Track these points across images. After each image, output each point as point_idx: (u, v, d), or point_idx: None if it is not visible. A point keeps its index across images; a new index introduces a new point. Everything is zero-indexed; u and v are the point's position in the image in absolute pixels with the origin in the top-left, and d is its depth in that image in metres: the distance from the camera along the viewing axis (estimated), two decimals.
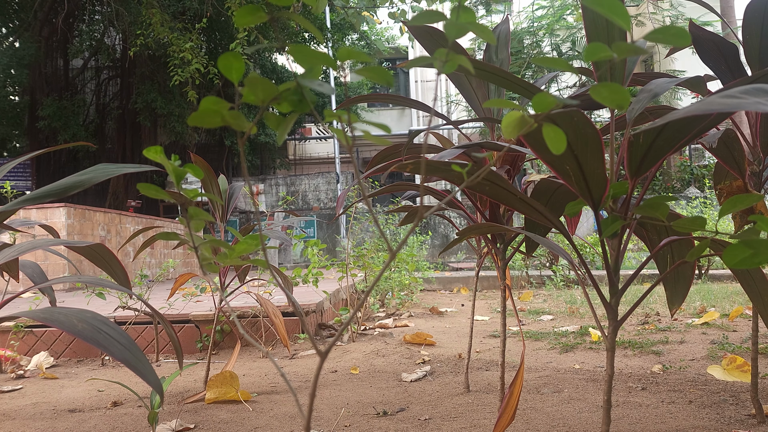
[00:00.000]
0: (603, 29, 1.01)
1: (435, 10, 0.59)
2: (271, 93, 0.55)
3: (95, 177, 0.92)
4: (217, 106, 0.59)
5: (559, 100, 0.59)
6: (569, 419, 1.84)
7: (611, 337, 0.97)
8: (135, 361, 0.81)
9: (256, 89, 0.55)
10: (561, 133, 0.63)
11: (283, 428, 1.90)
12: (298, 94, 0.58)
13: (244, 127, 0.58)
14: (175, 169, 0.70)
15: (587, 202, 0.93)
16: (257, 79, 0.54)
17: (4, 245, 1.13)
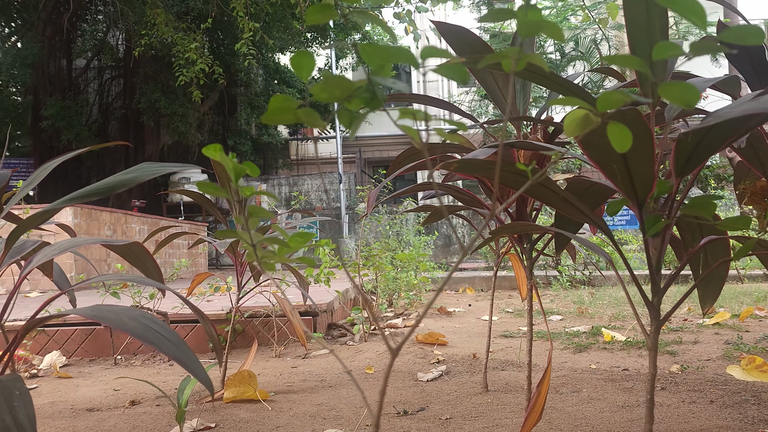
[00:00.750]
0: (643, 27, 1.01)
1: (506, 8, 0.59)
2: (347, 90, 0.55)
3: (140, 176, 0.92)
4: (288, 104, 0.59)
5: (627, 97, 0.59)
6: (591, 419, 1.84)
7: (654, 336, 0.97)
8: (185, 358, 0.81)
9: (332, 87, 0.55)
10: (627, 131, 0.63)
11: (305, 428, 1.90)
12: (370, 91, 0.58)
13: (319, 124, 0.58)
14: (234, 167, 0.70)
15: (631, 200, 0.93)
16: (333, 77, 0.54)
17: (43, 243, 1.13)
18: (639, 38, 1.00)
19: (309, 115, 0.58)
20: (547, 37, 2.61)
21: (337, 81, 0.55)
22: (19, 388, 0.73)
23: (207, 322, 1.05)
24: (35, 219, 0.90)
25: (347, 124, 0.59)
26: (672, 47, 0.58)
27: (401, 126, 0.59)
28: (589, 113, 0.65)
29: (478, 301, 5.85)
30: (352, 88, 0.55)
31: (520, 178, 0.94)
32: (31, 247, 1.08)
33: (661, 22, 0.99)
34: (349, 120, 0.59)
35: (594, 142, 0.83)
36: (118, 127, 14.20)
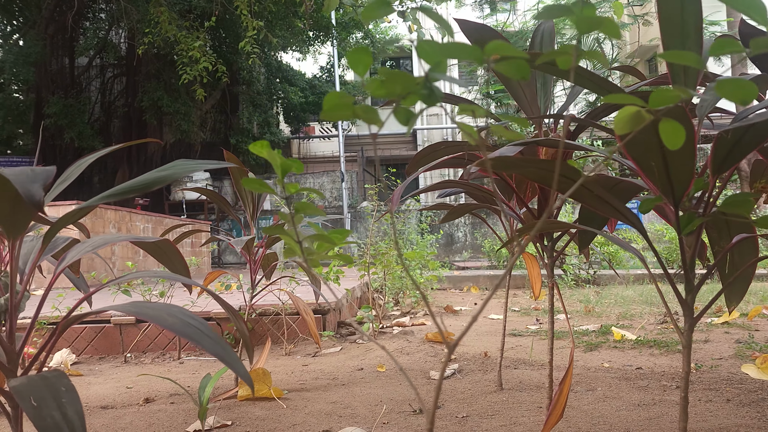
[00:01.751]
0: (677, 26, 1.01)
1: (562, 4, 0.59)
2: (408, 87, 0.55)
3: (176, 173, 0.92)
4: (344, 100, 0.59)
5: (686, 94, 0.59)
6: (609, 417, 1.84)
7: (687, 334, 0.97)
8: (225, 355, 0.81)
9: (393, 83, 0.55)
10: (680, 127, 0.63)
11: (321, 425, 1.90)
12: (428, 87, 0.58)
13: (376, 121, 0.58)
14: (282, 163, 0.70)
15: (666, 198, 0.93)
16: (394, 73, 0.54)
17: (73, 240, 1.13)
18: (672, 35, 1.00)
19: (367, 111, 0.58)
20: (570, 35, 2.59)
21: (398, 77, 0.55)
22: (65, 384, 0.73)
23: (238, 319, 1.05)
24: (71, 216, 0.90)
25: (404, 122, 0.59)
26: (731, 44, 0.58)
27: (459, 123, 0.59)
28: (640, 110, 0.65)
29: (483, 300, 5.85)
30: (413, 84, 0.55)
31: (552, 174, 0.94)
32: (62, 244, 1.09)
33: (695, 20, 0.98)
34: (406, 117, 0.59)
35: (635, 139, 0.83)
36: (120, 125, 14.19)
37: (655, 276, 7.03)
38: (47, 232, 0.88)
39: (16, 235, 0.85)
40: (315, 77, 17.14)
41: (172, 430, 1.92)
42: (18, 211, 0.81)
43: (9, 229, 0.84)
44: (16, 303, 0.89)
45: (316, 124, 17.84)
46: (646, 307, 4.49)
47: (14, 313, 0.89)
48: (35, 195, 0.66)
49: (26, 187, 0.67)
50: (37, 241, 1.04)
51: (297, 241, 0.72)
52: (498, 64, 0.55)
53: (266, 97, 15.12)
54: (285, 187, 0.74)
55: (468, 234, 13.78)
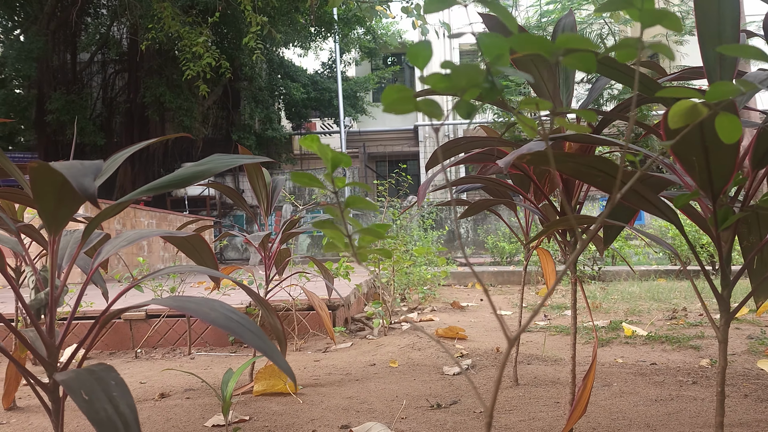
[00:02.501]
0: (714, 22, 1.00)
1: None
2: (475, 80, 0.55)
3: (214, 168, 0.92)
4: (405, 94, 0.59)
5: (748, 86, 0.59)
6: (627, 413, 1.85)
7: (724, 329, 0.97)
8: (267, 348, 0.81)
9: (459, 77, 0.55)
10: (737, 121, 0.63)
11: (339, 420, 1.91)
12: (489, 81, 0.58)
13: (438, 114, 0.58)
14: (333, 157, 0.70)
15: (705, 192, 0.93)
16: (463, 67, 0.54)
17: (107, 235, 1.13)
18: (709, 30, 0.99)
19: (428, 105, 0.57)
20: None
21: (465, 70, 0.54)
22: (114, 377, 0.73)
23: (271, 313, 1.05)
24: (111, 210, 0.90)
25: (465, 115, 0.59)
26: None
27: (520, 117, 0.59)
28: (697, 104, 0.65)
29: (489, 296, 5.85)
30: (481, 78, 0.54)
31: (592, 170, 0.94)
32: (96, 238, 1.08)
33: (733, 15, 0.98)
34: (467, 111, 0.59)
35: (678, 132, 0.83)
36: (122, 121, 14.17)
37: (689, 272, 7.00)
38: (87, 226, 0.88)
39: (57, 229, 0.85)
40: (316, 73, 17.11)
41: (191, 425, 1.92)
42: (61, 206, 0.81)
43: (51, 224, 0.84)
44: (55, 297, 0.89)
45: (318, 120, 17.82)
46: (654, 303, 4.49)
47: (54, 308, 0.89)
48: (89, 188, 0.66)
49: (79, 180, 0.67)
50: (70, 237, 1.04)
51: (346, 235, 0.72)
52: (566, 58, 0.54)
53: (268, 93, 15.09)
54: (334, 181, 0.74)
55: (470, 230, 13.78)
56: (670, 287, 5.63)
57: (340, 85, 15.78)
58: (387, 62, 19.22)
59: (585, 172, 0.97)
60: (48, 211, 0.82)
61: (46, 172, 0.74)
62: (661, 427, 1.69)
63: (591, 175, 0.97)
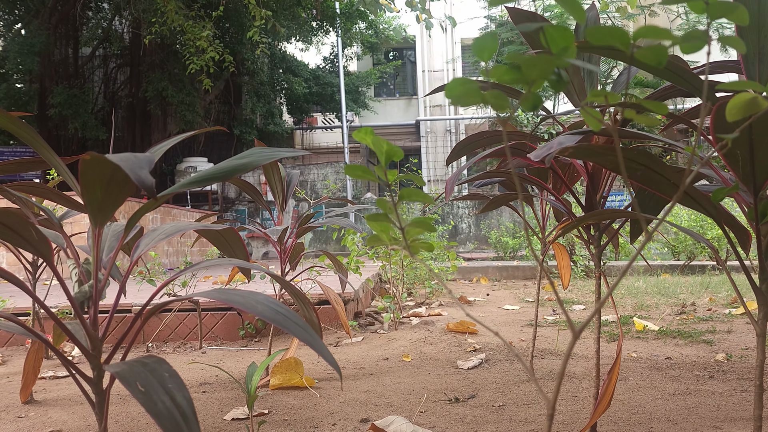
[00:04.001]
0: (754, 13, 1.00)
1: None
2: (548, 71, 0.54)
3: (256, 161, 0.92)
4: (472, 86, 0.59)
5: None
6: (646, 407, 1.85)
7: (762, 323, 0.97)
8: (313, 341, 0.81)
9: (531, 68, 0.55)
10: None
11: (359, 414, 1.91)
12: (556, 73, 0.58)
13: (505, 107, 0.58)
14: (387, 150, 0.70)
15: (746, 186, 0.93)
16: (534, 59, 0.54)
17: (141, 229, 1.13)
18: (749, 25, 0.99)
19: (496, 97, 0.57)
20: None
21: (536, 62, 0.54)
22: (167, 369, 0.73)
23: (307, 306, 1.05)
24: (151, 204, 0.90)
25: (530, 108, 0.59)
26: None
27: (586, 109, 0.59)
28: (757, 97, 0.64)
29: (494, 291, 5.86)
30: (552, 69, 0.54)
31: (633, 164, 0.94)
32: (132, 233, 1.08)
33: None
34: (534, 103, 0.59)
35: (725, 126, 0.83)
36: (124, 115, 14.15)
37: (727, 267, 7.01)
38: (130, 219, 0.88)
39: (103, 221, 0.85)
40: (318, 68, 17.08)
41: (209, 419, 1.92)
42: (108, 198, 0.81)
43: (96, 216, 0.84)
44: (99, 290, 0.89)
45: (320, 114, 17.80)
46: (661, 298, 4.50)
47: (97, 301, 0.89)
48: (146, 179, 0.66)
49: (137, 172, 0.67)
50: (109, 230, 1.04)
51: (399, 227, 0.72)
52: (638, 51, 0.54)
53: (270, 87, 15.07)
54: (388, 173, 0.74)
55: (472, 225, 13.79)
56: (676, 282, 5.64)
57: (342, 79, 15.75)
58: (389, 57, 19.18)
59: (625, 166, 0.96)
60: (95, 203, 0.82)
61: (98, 164, 0.74)
62: (682, 420, 1.70)
63: (631, 168, 0.97)
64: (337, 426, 1.80)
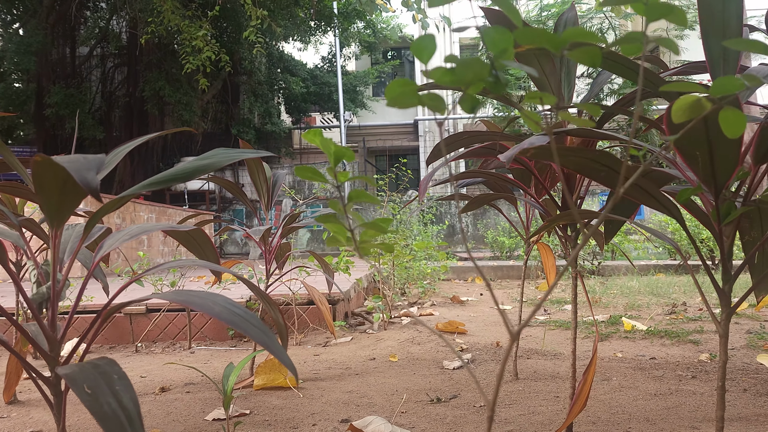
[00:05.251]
0: (719, 16, 1.00)
1: None
2: (481, 74, 0.54)
3: (218, 161, 0.91)
4: (410, 88, 0.59)
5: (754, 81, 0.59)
6: (626, 407, 1.85)
7: (725, 323, 0.97)
8: (270, 343, 0.81)
9: (464, 70, 0.54)
10: (742, 116, 0.63)
11: (339, 414, 1.91)
12: (493, 75, 0.58)
13: (441, 109, 0.58)
14: (336, 151, 0.70)
15: (707, 187, 0.93)
16: (469, 60, 0.54)
17: (108, 229, 1.13)
18: (713, 24, 0.99)
19: (432, 99, 0.57)
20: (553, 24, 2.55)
21: (470, 64, 0.54)
22: (117, 371, 0.73)
23: (273, 307, 1.05)
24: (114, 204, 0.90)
25: (469, 110, 0.59)
26: None
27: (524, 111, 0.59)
28: (701, 99, 0.64)
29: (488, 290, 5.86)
30: (487, 71, 0.54)
31: (596, 164, 0.94)
32: (98, 233, 1.08)
33: (737, 9, 0.98)
34: (472, 105, 0.59)
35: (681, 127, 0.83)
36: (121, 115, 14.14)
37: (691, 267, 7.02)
38: (89, 220, 0.88)
39: (60, 223, 0.85)
40: (316, 67, 17.07)
41: (191, 419, 1.92)
42: (64, 200, 0.81)
43: (53, 218, 0.83)
44: (57, 291, 0.89)
45: (318, 114, 17.80)
46: (653, 298, 4.50)
47: (56, 302, 0.89)
48: (92, 182, 0.66)
49: (82, 174, 0.67)
50: (72, 231, 1.04)
51: (349, 229, 0.72)
52: (572, 52, 0.54)
53: (267, 87, 15.06)
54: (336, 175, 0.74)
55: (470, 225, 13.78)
56: (670, 282, 5.64)
57: (340, 79, 15.75)
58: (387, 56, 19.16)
59: (588, 167, 0.96)
60: (50, 205, 0.82)
61: (49, 166, 0.74)
62: (661, 421, 1.70)
63: (594, 169, 0.97)
64: (317, 426, 1.80)
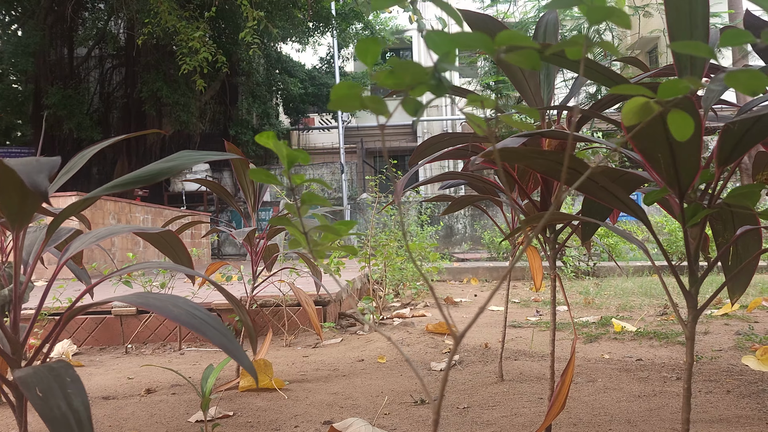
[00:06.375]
0: (685, 16, 1.00)
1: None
2: (418, 77, 0.54)
3: (180, 164, 0.91)
4: (353, 91, 0.59)
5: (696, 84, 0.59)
6: (609, 408, 1.85)
7: (691, 325, 0.97)
8: (230, 346, 0.81)
9: (402, 73, 0.54)
10: (689, 119, 0.63)
11: (322, 416, 1.91)
12: (436, 78, 0.58)
13: (384, 111, 0.58)
14: (288, 154, 0.70)
15: (672, 190, 0.93)
16: (406, 63, 0.54)
17: (76, 231, 1.13)
18: (680, 26, 0.99)
19: (375, 102, 0.57)
20: (571, 26, 2.57)
21: (410, 67, 0.54)
22: (71, 374, 0.73)
23: (242, 310, 1.05)
24: (76, 206, 0.90)
25: (412, 112, 0.59)
26: (742, 34, 0.57)
27: (467, 114, 0.59)
28: (649, 102, 0.64)
29: (483, 292, 5.86)
30: (424, 74, 0.54)
31: (561, 166, 0.94)
32: (66, 235, 1.08)
33: (703, 10, 0.98)
34: (414, 108, 0.59)
35: (641, 130, 0.83)
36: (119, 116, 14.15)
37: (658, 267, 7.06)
38: (51, 222, 0.88)
39: (21, 225, 0.85)
40: (315, 68, 17.07)
41: (174, 421, 1.92)
42: (24, 202, 0.81)
43: (14, 220, 0.83)
44: (20, 294, 0.89)
45: (316, 115, 17.80)
46: (646, 299, 4.50)
47: (18, 304, 0.89)
48: (41, 185, 0.66)
49: (32, 177, 0.67)
50: (40, 232, 1.04)
51: (303, 232, 0.72)
52: (509, 55, 0.54)
53: (266, 88, 15.06)
54: (291, 178, 0.73)
55: (468, 226, 13.78)
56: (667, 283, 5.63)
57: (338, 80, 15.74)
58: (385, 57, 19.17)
59: (554, 169, 0.96)
60: (11, 208, 0.82)
61: (4, 170, 0.74)
62: (642, 423, 1.69)
63: (560, 171, 0.96)
64: (299, 428, 1.79)
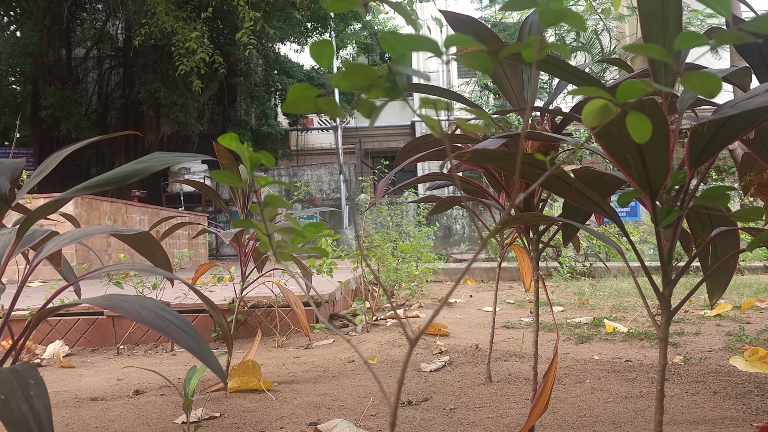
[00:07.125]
0: (658, 17, 1.00)
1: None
2: (370, 79, 0.54)
3: (153, 165, 0.91)
4: (308, 93, 0.59)
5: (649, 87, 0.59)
6: (595, 409, 1.85)
7: (664, 327, 0.97)
8: (198, 348, 0.81)
9: (354, 75, 0.54)
10: (647, 121, 0.63)
11: (309, 417, 1.91)
12: (391, 80, 0.58)
13: (339, 113, 0.58)
14: (250, 156, 0.70)
15: (644, 191, 0.93)
16: (356, 65, 0.54)
17: (52, 233, 1.13)
18: (653, 28, 0.99)
19: (329, 104, 0.57)
20: (569, 27, 2.58)
21: (360, 69, 0.54)
22: (35, 377, 0.73)
23: (217, 312, 1.05)
24: (47, 208, 0.90)
25: (367, 114, 0.59)
26: (696, 37, 0.58)
27: (421, 115, 0.59)
28: (608, 103, 0.64)
29: (478, 292, 5.86)
30: (374, 77, 0.54)
31: (533, 168, 0.94)
32: (40, 236, 1.08)
33: (676, 13, 0.98)
34: (369, 110, 0.59)
35: (609, 132, 0.83)
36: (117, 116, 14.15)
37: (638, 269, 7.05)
38: (21, 224, 0.88)
39: None
40: (313, 69, 17.08)
41: (161, 422, 1.92)
42: None
43: None
44: None
45: (315, 116, 17.80)
46: (640, 300, 4.50)
47: None
48: (1, 187, 0.66)
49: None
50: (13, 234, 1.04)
51: (266, 234, 0.72)
52: (459, 57, 0.54)
53: (264, 88, 15.07)
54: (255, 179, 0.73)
55: (466, 226, 13.78)
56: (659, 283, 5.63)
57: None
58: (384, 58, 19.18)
59: (526, 170, 0.96)
60: None
61: None
62: (627, 424, 1.69)
63: (532, 173, 0.97)
64: (285, 429, 1.79)
